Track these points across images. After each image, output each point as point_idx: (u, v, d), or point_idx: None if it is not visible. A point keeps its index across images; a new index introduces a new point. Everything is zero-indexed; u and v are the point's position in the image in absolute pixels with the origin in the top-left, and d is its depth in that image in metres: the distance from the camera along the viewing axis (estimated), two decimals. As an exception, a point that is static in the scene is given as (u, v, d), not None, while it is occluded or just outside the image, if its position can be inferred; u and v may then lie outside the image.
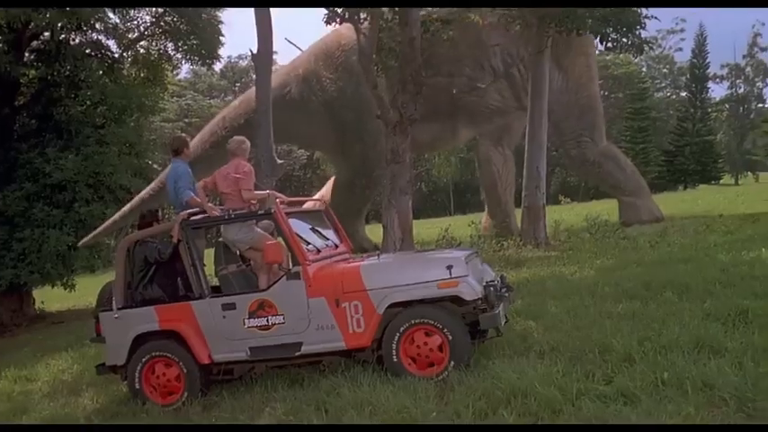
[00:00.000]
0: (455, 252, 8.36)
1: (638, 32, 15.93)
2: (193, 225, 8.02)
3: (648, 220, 20.46)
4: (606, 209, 25.00)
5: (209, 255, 8.43)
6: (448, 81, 21.30)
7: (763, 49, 77.80)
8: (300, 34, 32.22)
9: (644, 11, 16.04)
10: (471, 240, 18.22)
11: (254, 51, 16.40)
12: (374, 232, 22.45)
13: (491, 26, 19.82)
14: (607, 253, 14.47)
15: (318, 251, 8.01)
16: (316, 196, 24.02)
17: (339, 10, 15.58)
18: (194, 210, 8.15)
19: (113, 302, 8.15)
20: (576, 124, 21.13)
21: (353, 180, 22.95)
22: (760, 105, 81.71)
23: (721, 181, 68.40)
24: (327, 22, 15.72)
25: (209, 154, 22.38)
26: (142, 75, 21.65)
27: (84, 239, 18.04)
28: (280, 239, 7.87)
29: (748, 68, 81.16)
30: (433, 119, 21.33)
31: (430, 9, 17.94)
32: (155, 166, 21.86)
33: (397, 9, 15.90)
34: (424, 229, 24.63)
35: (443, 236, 18.24)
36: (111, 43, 20.72)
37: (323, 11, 15.58)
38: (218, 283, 8.44)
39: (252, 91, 19.98)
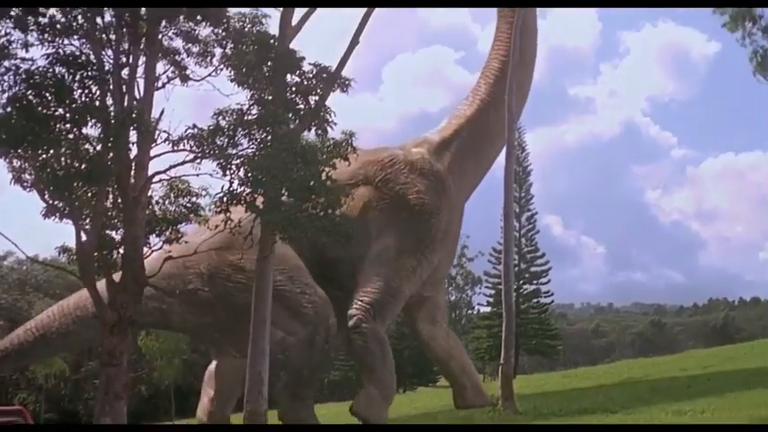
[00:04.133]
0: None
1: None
2: None
3: (374, 422, 20.78)
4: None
5: None
6: (345, 294, 21.69)
7: (470, 260, 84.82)
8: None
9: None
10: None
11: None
12: None
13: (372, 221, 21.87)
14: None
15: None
16: None
17: (60, 204, 15.08)
18: None
19: None
20: (372, 294, 21.60)
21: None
22: (470, 312, 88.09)
23: (438, 383, 71.60)
24: (45, 216, 15.08)
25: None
26: None
27: None
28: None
29: (458, 277, 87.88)
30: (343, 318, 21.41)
31: (158, 210, 17.78)
32: None
33: (121, 207, 15.68)
34: (141, 435, 23.20)
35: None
36: None
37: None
38: None
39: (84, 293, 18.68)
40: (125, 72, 15.73)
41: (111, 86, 15.41)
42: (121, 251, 15.90)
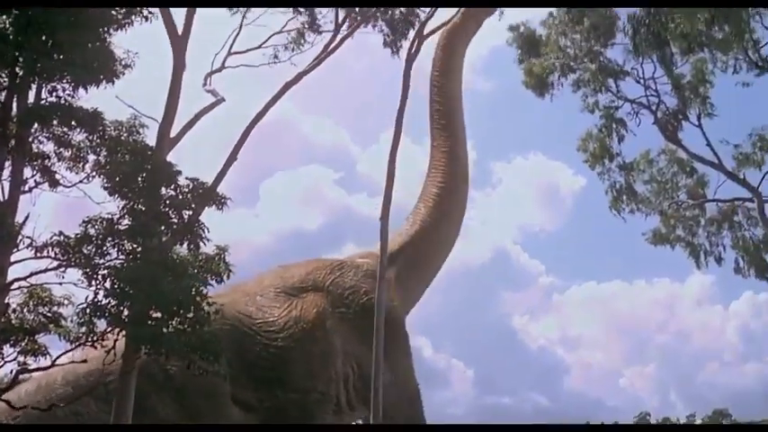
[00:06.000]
0: None
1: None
2: None
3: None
4: None
5: None
6: (301, 397, 21.03)
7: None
8: None
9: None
10: None
11: None
12: None
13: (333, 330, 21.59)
14: None
15: None
16: None
17: None
18: None
19: None
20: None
21: None
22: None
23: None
24: None
25: None
26: None
27: None
28: None
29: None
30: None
31: (14, 318, 16.88)
32: None
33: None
34: None
35: None
36: None
37: None
38: None
39: None
40: (-11, 173, 15.20)
41: (-27, 188, 14.85)
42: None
